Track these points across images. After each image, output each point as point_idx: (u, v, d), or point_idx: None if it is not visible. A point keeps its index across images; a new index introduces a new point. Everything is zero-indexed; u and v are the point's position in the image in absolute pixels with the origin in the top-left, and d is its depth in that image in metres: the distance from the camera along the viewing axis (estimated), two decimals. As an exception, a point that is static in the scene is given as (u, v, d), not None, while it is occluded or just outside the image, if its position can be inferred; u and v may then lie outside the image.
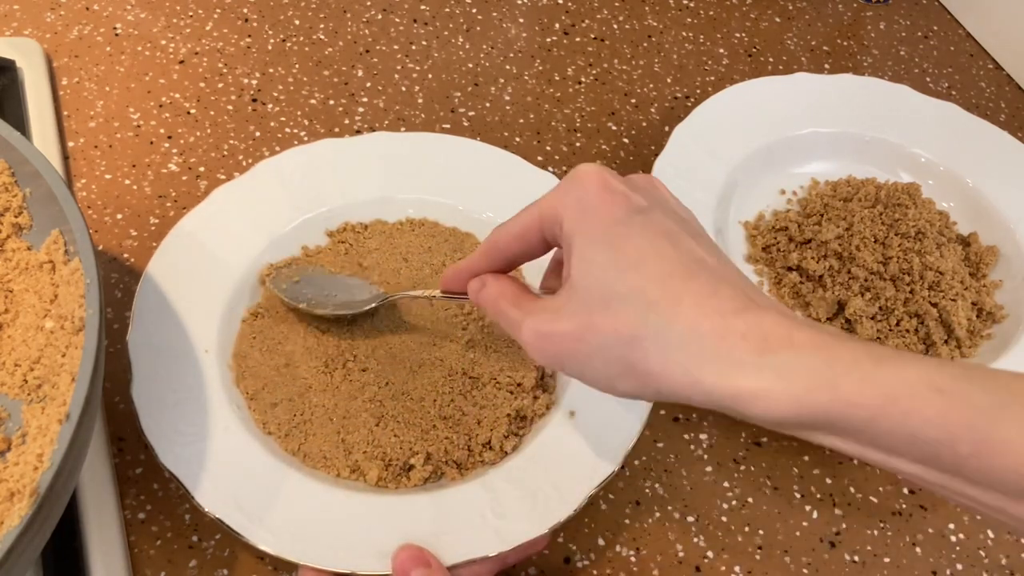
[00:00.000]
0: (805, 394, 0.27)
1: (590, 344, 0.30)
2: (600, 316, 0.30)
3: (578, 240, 0.31)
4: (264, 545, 0.36)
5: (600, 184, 0.32)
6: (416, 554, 0.36)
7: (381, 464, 0.41)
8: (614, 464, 0.40)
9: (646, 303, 0.29)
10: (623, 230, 0.31)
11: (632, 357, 0.29)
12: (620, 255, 0.30)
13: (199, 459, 0.39)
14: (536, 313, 0.33)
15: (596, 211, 0.31)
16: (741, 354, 0.27)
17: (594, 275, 0.30)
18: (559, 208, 0.33)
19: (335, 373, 0.44)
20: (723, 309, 0.28)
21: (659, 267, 0.29)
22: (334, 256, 0.48)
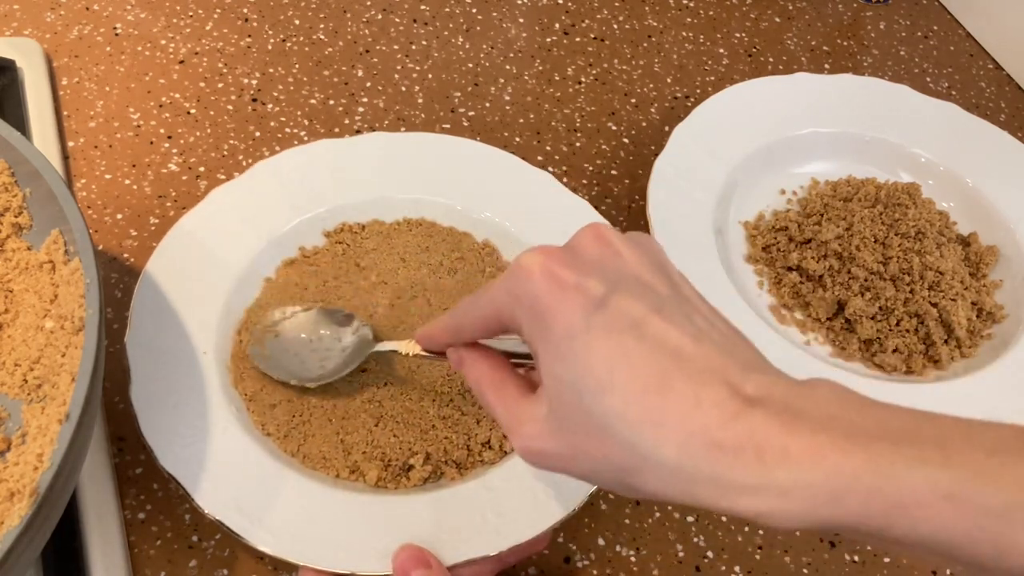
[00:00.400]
0: (809, 511, 0.25)
1: (584, 465, 0.29)
2: (587, 442, 0.28)
3: (542, 355, 0.29)
4: (264, 546, 0.36)
5: (547, 281, 0.29)
6: (416, 554, 0.36)
7: (380, 464, 0.41)
8: None
9: (629, 430, 0.27)
10: (585, 342, 0.28)
11: (631, 481, 0.28)
12: (589, 375, 0.27)
13: (198, 460, 0.39)
14: (522, 424, 0.31)
15: (551, 320, 0.28)
16: (735, 475, 0.26)
17: (567, 398, 0.28)
18: (514, 314, 0.30)
19: None
20: (708, 421, 0.26)
21: (633, 382, 0.27)
22: (332, 256, 0.48)
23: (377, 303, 0.47)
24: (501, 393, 0.33)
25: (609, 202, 0.58)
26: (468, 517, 0.38)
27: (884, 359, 0.49)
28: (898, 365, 0.49)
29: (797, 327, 0.51)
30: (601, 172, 0.59)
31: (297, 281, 0.47)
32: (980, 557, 0.24)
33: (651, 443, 0.27)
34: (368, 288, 0.47)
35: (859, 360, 0.50)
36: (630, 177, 0.59)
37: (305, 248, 0.48)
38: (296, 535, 0.37)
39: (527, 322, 0.30)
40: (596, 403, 0.27)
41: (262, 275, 0.47)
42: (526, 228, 0.49)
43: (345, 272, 0.48)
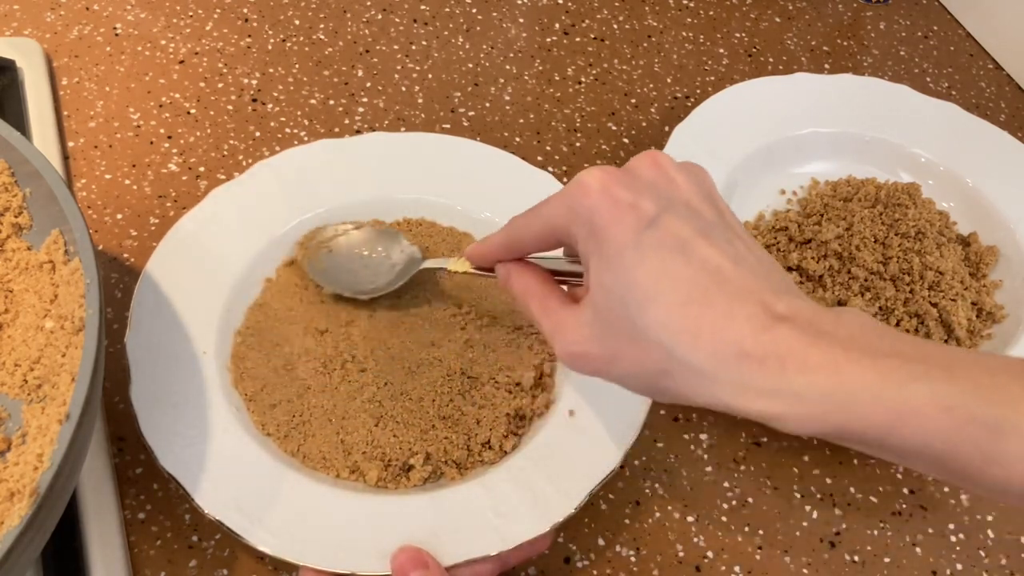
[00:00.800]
0: (819, 416, 0.28)
1: (621, 369, 0.32)
2: (627, 347, 0.31)
3: (593, 265, 0.32)
4: (264, 546, 0.37)
5: (606, 197, 0.31)
6: (415, 555, 0.36)
7: (380, 464, 0.41)
8: (614, 462, 0.40)
9: (668, 336, 0.29)
10: (635, 255, 0.30)
11: (663, 384, 0.31)
12: (635, 286, 0.30)
13: (199, 461, 0.39)
14: (565, 330, 0.33)
15: (605, 233, 0.31)
16: (757, 379, 0.28)
17: (613, 305, 0.31)
18: (569, 226, 0.33)
19: (334, 374, 0.44)
20: (740, 333, 0.29)
21: (676, 294, 0.30)
22: None
23: (377, 303, 0.47)
24: (545, 303, 0.35)
25: (609, 202, 0.58)
26: (468, 517, 0.38)
27: (884, 359, 0.49)
28: (898, 365, 0.49)
29: (797, 327, 0.51)
30: (601, 172, 0.59)
31: (297, 281, 0.47)
32: (968, 468, 0.27)
33: (686, 350, 0.29)
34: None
35: (859, 360, 0.50)
36: (630, 177, 0.59)
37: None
38: (296, 535, 0.37)
39: (582, 235, 0.32)
40: (640, 312, 0.30)
41: (262, 275, 0.47)
42: None
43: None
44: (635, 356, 0.31)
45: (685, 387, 0.30)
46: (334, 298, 0.46)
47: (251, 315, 0.46)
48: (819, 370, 0.28)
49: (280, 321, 0.46)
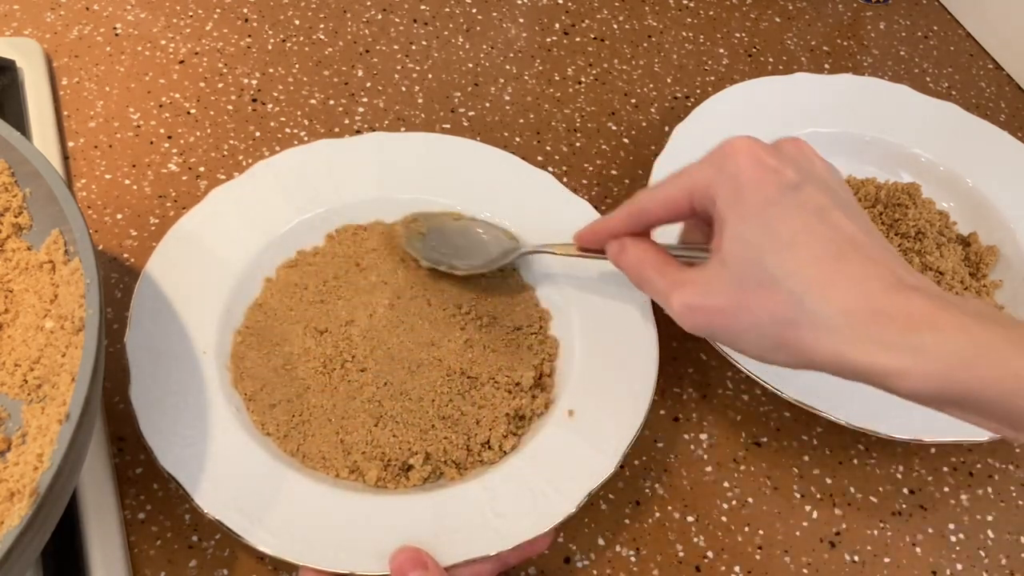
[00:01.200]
0: (943, 373, 0.28)
1: (743, 320, 0.32)
2: (754, 295, 0.32)
3: (732, 219, 0.33)
4: (264, 546, 0.37)
5: (753, 160, 0.33)
6: (414, 556, 0.36)
7: (380, 464, 0.41)
8: (613, 463, 0.40)
9: (800, 285, 0.30)
10: (776, 210, 0.32)
11: (786, 335, 0.31)
12: (774, 236, 0.31)
13: (198, 461, 0.39)
14: (685, 285, 0.34)
15: (750, 190, 0.33)
16: (886, 334, 0.29)
17: (748, 255, 0.32)
18: (712, 185, 0.34)
19: (333, 374, 0.44)
20: (872, 291, 0.30)
21: (812, 249, 0.31)
22: (332, 256, 0.48)
23: (377, 303, 0.47)
24: (663, 269, 0.36)
25: (609, 202, 0.58)
26: (468, 517, 0.38)
27: (884, 359, 0.49)
28: (898, 365, 0.49)
29: (797, 327, 0.51)
30: (601, 172, 0.59)
31: (297, 281, 0.47)
32: None
33: (818, 299, 0.30)
34: (368, 288, 0.47)
35: (859, 360, 0.50)
36: (630, 177, 0.59)
37: (305, 248, 0.48)
38: (296, 535, 0.37)
39: (724, 193, 0.33)
40: (775, 260, 0.31)
41: (262, 275, 0.47)
42: (526, 228, 0.49)
43: (345, 272, 0.48)
44: (763, 304, 0.31)
45: (809, 338, 0.30)
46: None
47: (251, 315, 0.46)
48: (949, 329, 0.28)
49: (280, 321, 0.46)
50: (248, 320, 0.45)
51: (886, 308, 0.29)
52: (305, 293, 0.47)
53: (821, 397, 0.45)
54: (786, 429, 0.49)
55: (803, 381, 0.45)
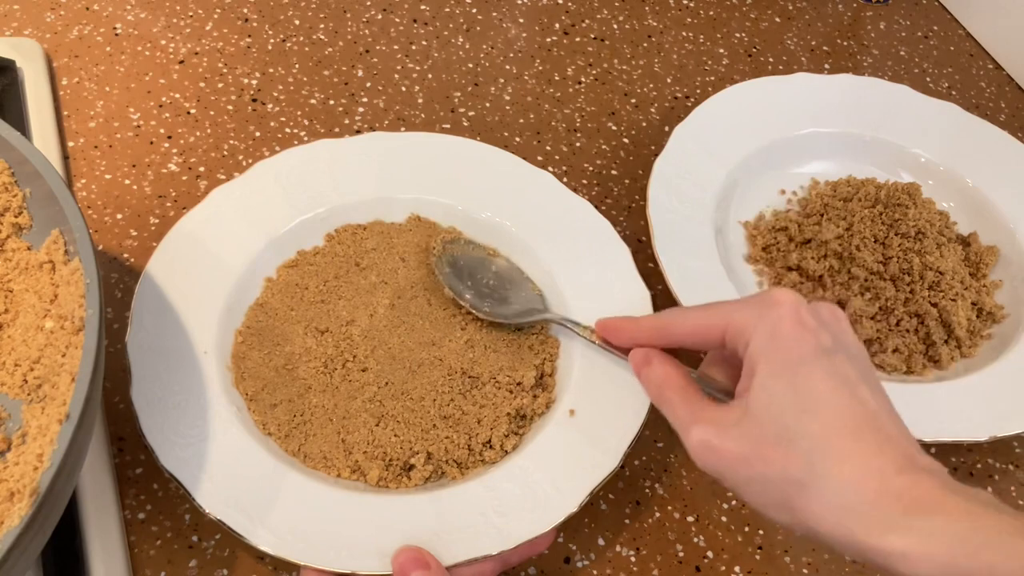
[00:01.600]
0: (949, 558, 0.28)
1: (755, 471, 0.32)
2: (771, 450, 0.32)
3: (762, 367, 0.33)
4: (265, 545, 0.37)
5: (794, 317, 0.34)
6: (416, 556, 0.36)
7: (382, 464, 0.41)
8: (614, 462, 0.40)
9: (818, 452, 0.31)
10: (807, 371, 0.32)
11: (793, 496, 0.31)
12: (801, 397, 0.32)
13: (199, 461, 0.39)
14: (706, 423, 0.34)
15: (786, 344, 0.33)
16: (894, 514, 0.29)
17: (773, 408, 0.32)
18: (749, 328, 0.35)
19: (334, 373, 0.44)
20: (885, 470, 0.30)
21: (834, 418, 0.31)
22: (332, 256, 0.48)
23: (377, 303, 0.47)
24: (686, 395, 0.36)
25: (609, 202, 0.58)
26: (469, 517, 0.38)
27: (884, 359, 0.49)
28: (898, 365, 0.49)
29: (797, 327, 0.51)
30: (601, 172, 0.59)
31: (298, 281, 0.47)
32: None
33: (830, 469, 0.31)
34: (368, 288, 0.47)
35: (859, 360, 0.50)
36: (630, 177, 0.59)
37: (305, 248, 0.48)
38: (297, 534, 0.37)
39: (761, 340, 0.34)
40: (797, 421, 0.32)
41: (262, 275, 0.47)
42: (526, 228, 0.49)
43: (345, 272, 0.48)
44: (776, 460, 0.32)
45: (815, 507, 0.31)
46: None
47: (252, 315, 0.46)
48: (956, 515, 0.29)
49: (281, 321, 0.46)
50: (249, 320, 0.45)
51: (895, 487, 0.30)
52: (306, 293, 0.47)
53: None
54: (786, 429, 0.49)
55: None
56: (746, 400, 0.34)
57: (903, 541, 0.29)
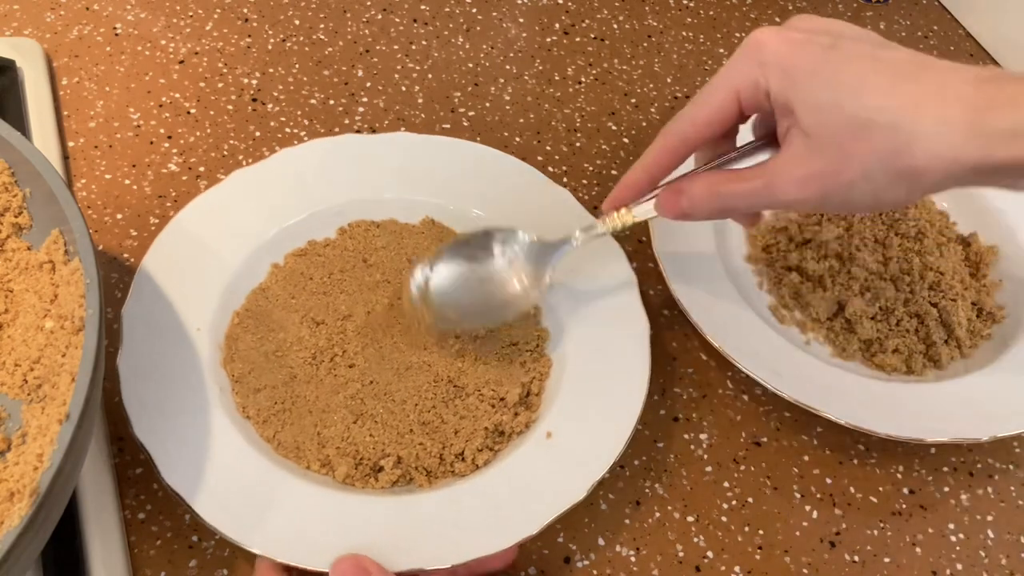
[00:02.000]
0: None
1: (853, 171, 0.33)
2: (854, 145, 0.32)
3: (796, 94, 0.33)
4: (214, 522, 0.36)
5: (785, 41, 0.34)
6: (356, 563, 0.36)
7: (352, 462, 0.41)
8: (583, 491, 0.39)
9: (892, 115, 0.31)
10: (831, 68, 0.33)
11: (899, 164, 0.32)
12: (844, 88, 0.32)
13: (171, 434, 0.39)
14: (779, 171, 0.35)
15: (799, 65, 0.33)
16: (997, 123, 0.30)
17: (830, 115, 0.33)
18: (758, 77, 0.34)
19: (321, 366, 0.44)
20: (962, 92, 0.31)
21: (884, 79, 0.32)
22: (341, 250, 0.48)
23: (377, 301, 0.47)
24: (741, 176, 0.36)
25: (609, 202, 0.58)
26: (427, 526, 0.38)
27: (884, 359, 0.49)
28: (898, 365, 0.49)
29: (797, 327, 0.51)
30: (601, 172, 0.59)
31: (303, 270, 0.47)
32: None
33: (914, 119, 0.31)
34: (371, 285, 0.47)
35: (859, 360, 0.50)
36: (630, 177, 0.59)
37: (316, 239, 0.49)
38: (250, 519, 0.37)
39: (775, 79, 0.34)
40: (857, 105, 0.32)
41: (271, 260, 0.47)
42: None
43: (352, 267, 0.48)
44: (864, 149, 0.32)
45: (921, 160, 0.31)
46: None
47: (252, 298, 0.46)
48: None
49: (279, 307, 0.46)
50: (248, 303, 0.46)
51: (981, 102, 0.30)
52: (309, 283, 0.47)
53: (821, 397, 0.45)
54: (786, 429, 0.49)
55: (803, 381, 0.46)
56: (798, 129, 0.34)
57: (1017, 147, 0.29)
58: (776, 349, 0.47)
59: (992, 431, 0.45)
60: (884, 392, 0.46)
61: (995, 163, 0.30)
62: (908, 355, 0.50)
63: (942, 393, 0.47)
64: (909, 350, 0.50)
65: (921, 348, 0.50)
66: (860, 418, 0.44)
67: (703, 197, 0.38)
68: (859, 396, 0.46)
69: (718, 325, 0.47)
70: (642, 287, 0.47)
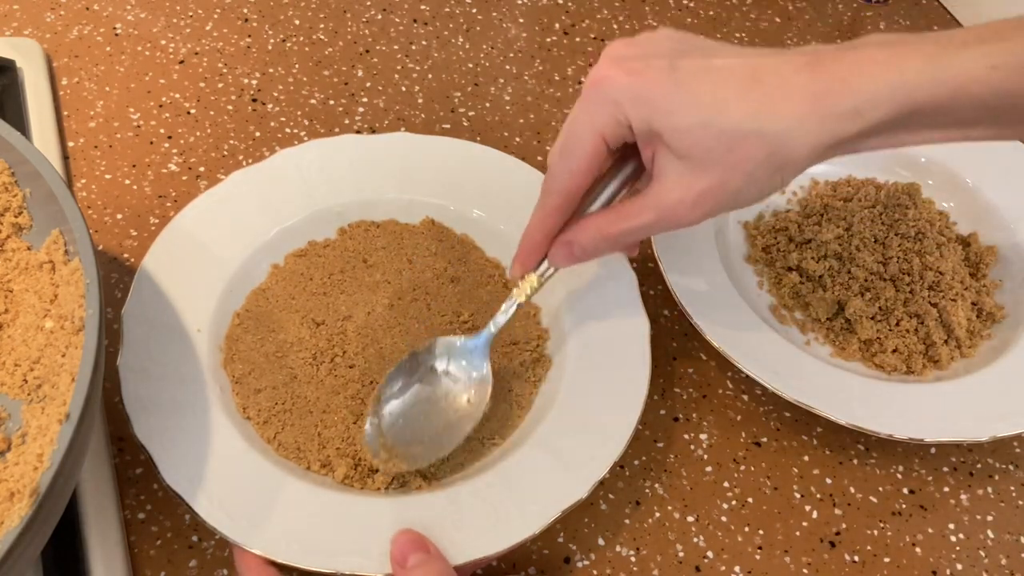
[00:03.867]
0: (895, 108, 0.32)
1: (737, 179, 0.35)
2: (731, 156, 0.34)
3: (659, 122, 0.34)
4: (211, 520, 0.36)
5: (626, 71, 0.35)
6: (416, 539, 0.36)
7: (351, 462, 0.41)
8: (583, 491, 0.39)
9: (756, 122, 0.33)
10: (682, 91, 0.34)
11: (775, 162, 0.34)
12: (704, 108, 0.34)
13: (171, 434, 0.39)
14: (662, 197, 0.36)
15: (649, 94, 0.34)
16: (839, 105, 0.33)
17: (698, 135, 0.34)
18: (617, 115, 0.35)
19: (322, 366, 0.44)
20: (801, 83, 0.33)
21: (734, 92, 0.34)
22: (342, 250, 0.48)
23: (377, 301, 0.47)
24: (624, 213, 0.37)
25: (609, 202, 0.58)
26: (426, 526, 0.38)
27: (884, 359, 0.49)
28: (898, 365, 0.49)
29: (797, 327, 0.51)
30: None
31: (303, 271, 0.47)
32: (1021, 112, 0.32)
33: (772, 120, 0.33)
34: (371, 285, 0.47)
35: (859, 360, 0.50)
36: (630, 177, 0.59)
37: (316, 239, 0.49)
38: (245, 517, 0.37)
39: (634, 112, 0.35)
40: (722, 121, 0.34)
41: (271, 260, 0.47)
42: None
43: (352, 267, 0.48)
44: (742, 158, 0.34)
45: (795, 153, 0.33)
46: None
47: (252, 298, 0.46)
48: (876, 74, 0.32)
49: (279, 308, 0.46)
50: (249, 304, 0.46)
51: (820, 88, 0.33)
52: (309, 284, 0.47)
53: (821, 397, 0.45)
54: (786, 429, 0.49)
55: (803, 381, 0.46)
56: (669, 153, 0.35)
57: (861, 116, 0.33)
58: (776, 349, 0.47)
59: (992, 431, 0.45)
60: (884, 392, 0.46)
61: (846, 137, 0.33)
62: (908, 355, 0.50)
63: (942, 393, 0.47)
64: (909, 350, 0.50)
65: (921, 348, 0.50)
66: (860, 418, 0.44)
67: (593, 243, 0.38)
68: (859, 396, 0.46)
69: (718, 325, 0.47)
70: (642, 287, 0.47)
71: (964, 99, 0.32)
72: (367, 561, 0.36)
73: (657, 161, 0.36)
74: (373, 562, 0.36)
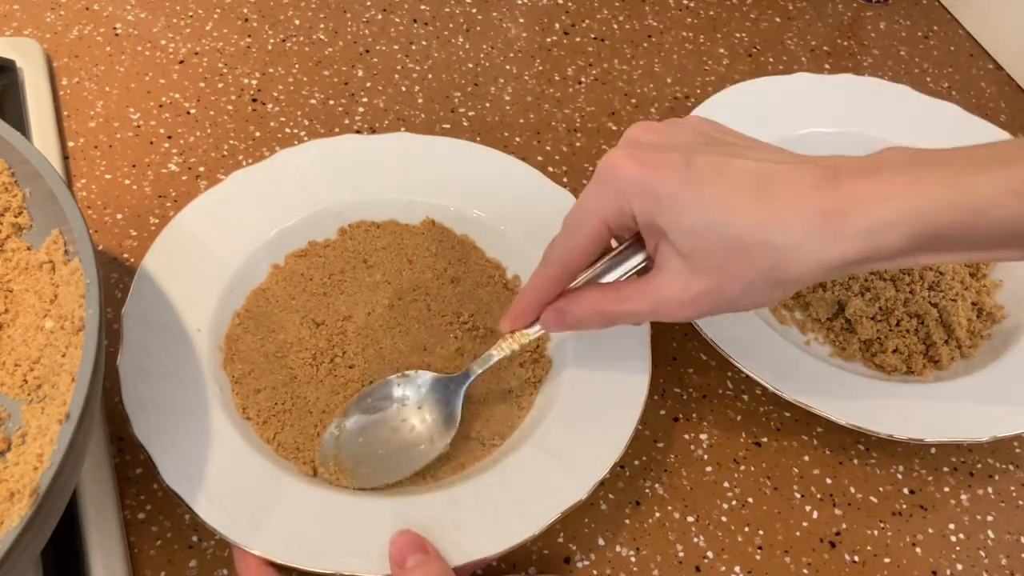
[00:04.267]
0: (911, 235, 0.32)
1: (736, 286, 0.34)
2: (733, 263, 0.34)
3: (664, 220, 0.34)
4: (210, 520, 0.36)
5: (638, 163, 0.35)
6: (414, 539, 0.36)
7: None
8: (584, 492, 0.39)
9: (763, 233, 0.33)
10: (693, 191, 0.34)
11: (776, 275, 0.34)
12: (712, 212, 0.33)
13: (171, 434, 0.39)
14: (663, 291, 0.35)
15: (658, 189, 0.34)
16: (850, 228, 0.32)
17: (702, 237, 0.34)
18: (622, 204, 0.35)
19: (321, 367, 0.44)
20: (814, 201, 0.32)
21: (745, 200, 0.33)
22: (342, 251, 0.48)
23: (377, 301, 0.47)
24: (619, 295, 0.37)
25: (609, 202, 0.58)
26: (426, 526, 0.38)
27: (884, 359, 0.49)
28: (898, 365, 0.49)
29: (797, 327, 0.51)
30: (601, 172, 0.59)
31: (303, 271, 0.47)
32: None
33: (780, 234, 0.33)
34: (371, 286, 0.47)
35: (859, 360, 0.50)
36: (630, 177, 0.59)
37: (317, 239, 0.49)
38: (245, 517, 0.37)
39: (639, 204, 0.35)
40: (728, 227, 0.33)
41: (271, 260, 0.47)
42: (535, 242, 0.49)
43: (352, 268, 0.48)
44: (744, 267, 0.34)
45: (795, 269, 0.33)
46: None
47: (252, 298, 0.46)
48: (894, 197, 0.32)
49: (280, 308, 0.46)
50: (249, 304, 0.46)
51: (832, 207, 0.32)
52: (309, 284, 0.47)
53: (821, 397, 0.45)
54: (786, 429, 0.49)
55: (803, 381, 0.46)
56: (672, 249, 0.35)
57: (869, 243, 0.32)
58: (776, 349, 0.47)
59: (992, 431, 0.45)
60: (884, 392, 0.46)
61: (853, 259, 0.33)
62: (908, 355, 0.50)
63: (942, 393, 0.47)
64: (909, 350, 0.50)
65: (921, 348, 0.50)
66: (860, 418, 0.44)
67: (587, 317, 0.38)
68: (859, 396, 0.46)
69: (718, 325, 0.47)
70: (642, 287, 0.47)
71: (983, 225, 0.32)
72: (366, 562, 0.36)
73: (659, 253, 0.36)
74: (372, 563, 0.36)
